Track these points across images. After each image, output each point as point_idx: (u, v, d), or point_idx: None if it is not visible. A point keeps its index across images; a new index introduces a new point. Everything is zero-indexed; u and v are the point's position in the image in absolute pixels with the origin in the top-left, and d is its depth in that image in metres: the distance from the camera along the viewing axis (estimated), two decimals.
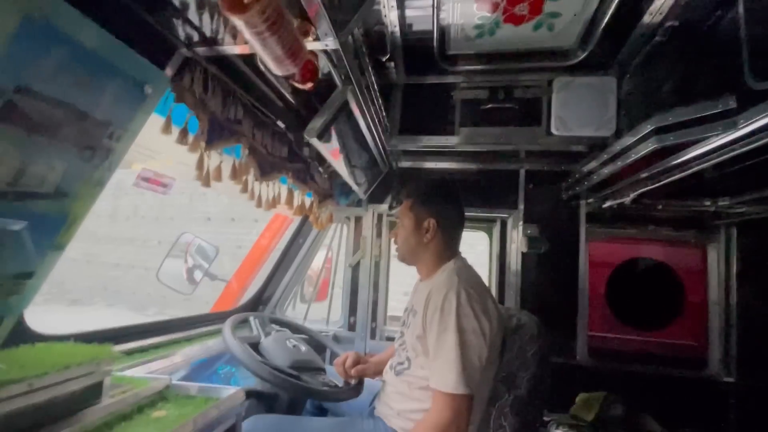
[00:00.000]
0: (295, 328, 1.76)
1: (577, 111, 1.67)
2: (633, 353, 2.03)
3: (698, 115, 1.07)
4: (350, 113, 1.33)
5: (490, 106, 1.78)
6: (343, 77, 1.14)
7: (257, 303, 2.25)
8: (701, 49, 1.29)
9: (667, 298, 2.06)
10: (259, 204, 1.47)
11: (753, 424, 1.78)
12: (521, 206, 2.09)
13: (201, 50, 0.98)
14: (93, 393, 0.88)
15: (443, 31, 1.56)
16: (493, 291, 2.21)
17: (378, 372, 1.46)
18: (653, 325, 2.05)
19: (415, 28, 1.53)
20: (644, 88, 1.53)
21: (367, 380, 1.47)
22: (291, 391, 1.25)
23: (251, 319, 1.58)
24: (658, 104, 1.42)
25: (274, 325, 1.67)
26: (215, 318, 1.89)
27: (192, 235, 2.19)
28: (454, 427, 1.03)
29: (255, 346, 1.42)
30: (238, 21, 0.64)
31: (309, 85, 0.99)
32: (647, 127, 1.17)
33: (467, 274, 1.23)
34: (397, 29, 1.46)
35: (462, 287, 1.13)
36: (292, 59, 0.77)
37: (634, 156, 1.31)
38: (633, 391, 1.89)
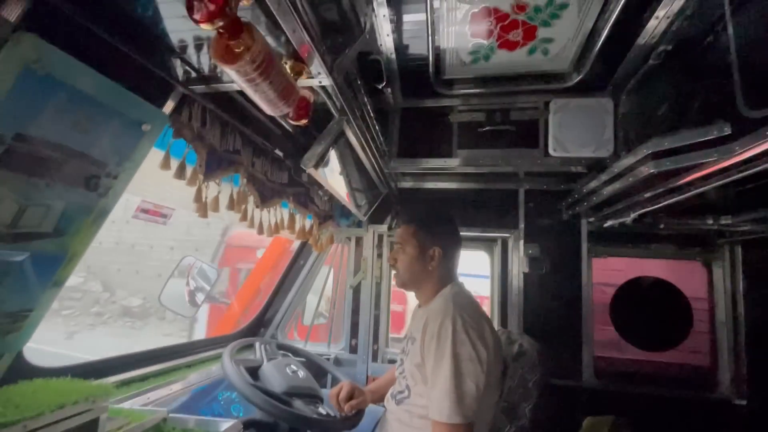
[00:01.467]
0: (296, 352, 1.75)
1: (574, 132, 1.67)
2: (641, 375, 1.98)
3: (694, 141, 1.07)
4: (347, 141, 1.35)
5: (487, 128, 1.79)
6: (338, 108, 1.16)
7: (259, 326, 2.24)
8: (694, 73, 1.29)
9: (674, 318, 2.02)
10: (260, 231, 1.48)
11: None
12: (521, 225, 2.08)
13: (198, 88, 1.01)
14: (89, 430, 0.88)
15: (439, 57, 1.58)
16: (495, 311, 2.19)
17: (376, 400, 1.44)
18: (660, 346, 2.01)
19: (410, 53, 1.55)
20: (641, 109, 1.53)
21: (369, 406, 1.45)
22: (290, 421, 1.23)
23: (256, 344, 1.57)
24: (655, 125, 1.42)
25: (275, 350, 1.66)
26: (216, 343, 1.88)
27: (194, 258, 2.21)
28: None
29: (255, 371, 1.41)
30: (229, 70, 0.66)
31: (303, 122, 1.00)
32: (643, 152, 1.17)
33: (463, 300, 1.22)
34: (393, 56, 1.48)
35: (458, 314, 1.12)
36: (285, 100, 0.79)
37: (632, 179, 1.31)
38: (642, 414, 1.84)
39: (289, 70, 0.84)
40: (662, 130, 1.20)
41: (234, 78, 0.68)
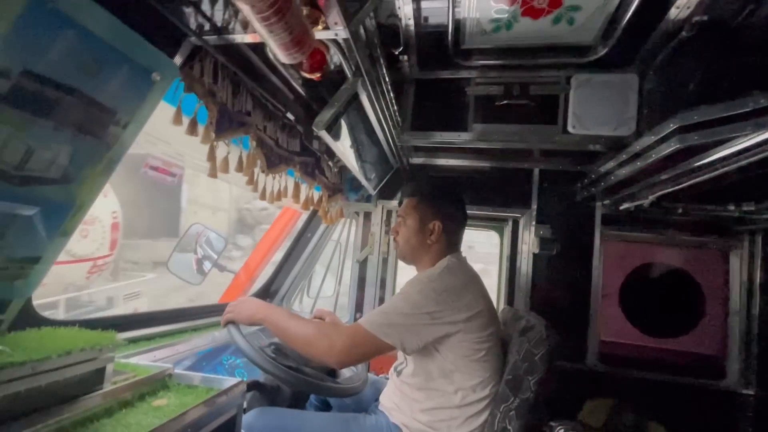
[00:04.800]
0: None
1: (595, 109, 1.61)
2: (646, 361, 1.96)
3: (725, 114, 1.01)
4: (360, 106, 1.31)
5: (504, 102, 1.73)
6: (353, 69, 1.12)
7: (264, 296, 2.25)
8: (730, 45, 1.22)
9: (685, 306, 1.99)
10: (263, 196, 1.47)
11: None
12: (534, 206, 2.04)
13: (211, 39, 0.97)
14: (95, 379, 0.88)
15: (458, 25, 1.52)
16: (503, 292, 2.17)
17: None
18: (669, 333, 1.98)
19: (429, 21, 1.49)
20: (668, 85, 1.46)
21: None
22: (294, 384, 1.23)
23: None
24: (683, 103, 1.35)
25: None
26: (222, 309, 1.89)
27: (202, 226, 2.21)
28: (345, 354, 1.07)
29: (260, 338, 1.42)
30: (243, 5, 0.62)
31: (317, 75, 0.97)
32: (670, 126, 1.12)
33: (458, 267, 1.21)
34: (411, 22, 1.43)
35: (438, 274, 1.14)
36: (299, 47, 0.75)
37: (654, 156, 1.26)
38: (645, 400, 1.83)
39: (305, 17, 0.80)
40: (691, 106, 1.14)
41: (247, 15, 0.65)
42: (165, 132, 1.17)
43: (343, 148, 1.48)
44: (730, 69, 1.20)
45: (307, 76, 0.99)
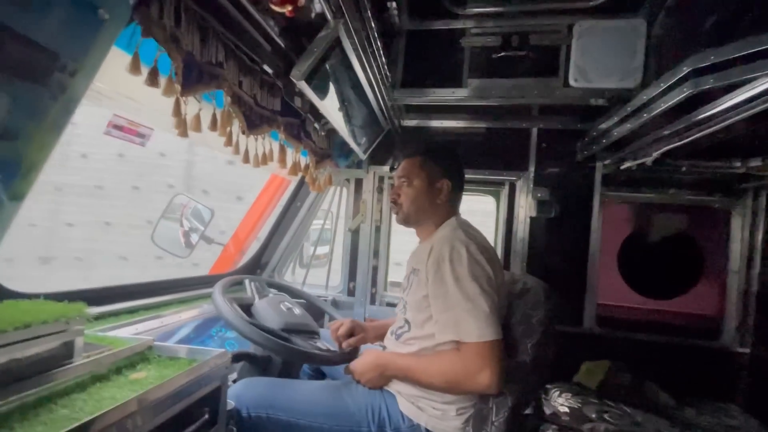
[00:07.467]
0: (292, 292, 1.70)
1: (599, 59, 1.50)
2: (644, 323, 1.95)
3: (746, 52, 0.91)
4: (344, 57, 1.19)
5: (502, 54, 1.61)
6: (334, 10, 1.00)
7: (255, 267, 2.20)
8: None
9: (685, 266, 1.96)
10: (246, 160, 1.37)
11: (765, 395, 1.71)
12: (532, 168, 1.96)
13: None
14: (63, 353, 0.82)
15: None
16: (499, 258, 2.13)
17: (378, 337, 1.40)
18: (667, 294, 1.96)
19: None
20: (679, 30, 1.35)
21: (367, 344, 1.43)
22: (280, 353, 1.19)
23: (246, 282, 1.52)
24: (697, 45, 1.25)
25: (270, 289, 1.61)
26: (211, 280, 1.84)
27: (187, 197, 2.11)
28: (488, 372, 0.97)
29: (247, 308, 1.36)
30: None
31: (289, 9, 0.85)
32: (683, 70, 1.02)
33: (471, 228, 1.19)
34: None
35: (469, 239, 1.09)
36: None
37: (663, 106, 1.17)
38: (642, 361, 1.83)
39: None
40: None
41: None
42: None
43: (329, 106, 1.37)
44: (751, 6, 1.08)
45: (277, 9, 0.87)
